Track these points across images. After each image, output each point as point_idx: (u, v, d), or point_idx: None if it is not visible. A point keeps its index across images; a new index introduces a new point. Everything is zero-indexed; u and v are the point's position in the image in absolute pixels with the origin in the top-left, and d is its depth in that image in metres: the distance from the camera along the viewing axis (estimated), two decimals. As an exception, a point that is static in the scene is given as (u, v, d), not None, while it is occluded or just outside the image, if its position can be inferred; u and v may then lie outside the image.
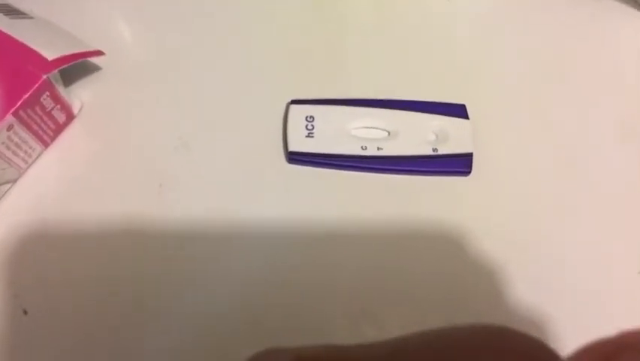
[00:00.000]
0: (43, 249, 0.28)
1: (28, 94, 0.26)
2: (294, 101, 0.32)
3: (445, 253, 0.29)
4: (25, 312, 0.27)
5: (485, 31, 0.37)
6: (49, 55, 0.27)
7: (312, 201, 0.30)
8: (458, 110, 0.32)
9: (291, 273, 0.28)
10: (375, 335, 0.26)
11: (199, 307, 0.27)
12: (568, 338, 0.26)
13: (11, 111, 0.26)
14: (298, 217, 0.29)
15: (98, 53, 0.30)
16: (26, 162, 0.29)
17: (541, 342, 0.14)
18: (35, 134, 0.28)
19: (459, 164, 0.31)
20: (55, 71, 0.27)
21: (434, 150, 0.31)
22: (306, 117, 0.31)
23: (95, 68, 0.33)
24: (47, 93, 0.27)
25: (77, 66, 0.30)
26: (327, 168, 0.31)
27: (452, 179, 0.31)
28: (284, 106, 0.32)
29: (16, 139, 0.27)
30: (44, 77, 0.27)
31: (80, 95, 0.31)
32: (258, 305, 0.27)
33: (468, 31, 0.37)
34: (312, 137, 0.31)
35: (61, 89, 0.29)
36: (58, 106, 0.29)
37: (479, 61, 0.35)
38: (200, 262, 0.28)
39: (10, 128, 0.26)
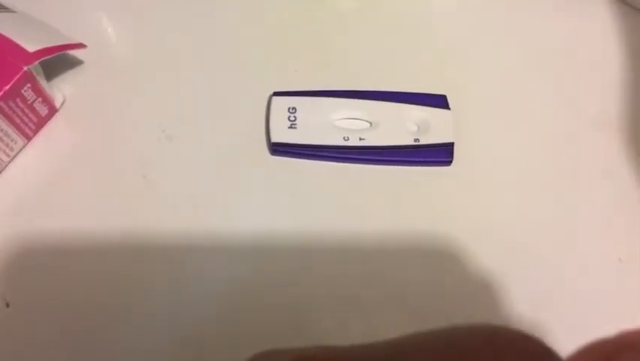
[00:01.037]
0: (26, 243, 0.28)
1: (9, 85, 0.26)
2: (277, 93, 0.32)
3: (428, 243, 0.29)
4: (8, 305, 0.27)
5: (465, 22, 0.38)
6: (30, 47, 0.27)
7: (295, 192, 0.30)
8: (439, 101, 0.32)
9: (274, 267, 0.28)
10: (358, 328, 0.27)
11: (185, 304, 0.27)
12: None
13: (-8, 103, 0.26)
14: (282, 208, 0.30)
15: (80, 45, 0.30)
16: (8, 156, 0.29)
17: (540, 341, 0.14)
18: (17, 127, 0.28)
19: (440, 154, 0.31)
20: (36, 62, 0.27)
21: (416, 140, 0.31)
22: (289, 109, 0.32)
23: (78, 62, 0.33)
24: (28, 85, 0.27)
25: (59, 60, 0.30)
26: (310, 159, 0.31)
27: (434, 169, 0.31)
28: (266, 98, 0.32)
29: (-3, 131, 0.27)
30: (25, 68, 0.27)
31: (62, 88, 0.31)
32: (243, 303, 0.27)
33: (448, 22, 0.38)
34: (295, 128, 0.31)
35: (42, 82, 0.29)
36: (40, 99, 0.29)
37: (460, 51, 0.36)
38: (184, 255, 0.28)
39: (-9, 119, 0.26)
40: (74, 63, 0.32)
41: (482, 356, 0.14)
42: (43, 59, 0.28)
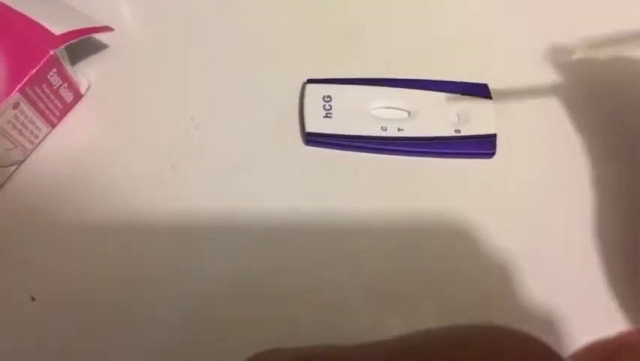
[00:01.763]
0: (50, 234, 0.27)
1: (35, 70, 0.25)
2: (311, 80, 0.31)
3: (466, 239, 0.28)
4: (33, 298, 0.26)
5: (507, 6, 0.36)
6: (57, 29, 0.26)
7: (330, 185, 0.29)
8: (480, 90, 0.31)
9: (305, 258, 0.27)
10: (392, 324, 0.26)
11: (212, 292, 0.26)
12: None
13: (18, 88, 0.24)
14: (316, 201, 0.28)
15: (107, 29, 0.29)
16: (32, 143, 0.28)
17: (541, 342, 0.14)
18: (42, 113, 0.27)
19: (483, 145, 0.30)
20: (63, 46, 0.26)
21: (456, 130, 0.30)
22: (324, 97, 0.30)
23: (103, 46, 0.31)
24: (55, 70, 0.26)
25: (84, 43, 0.29)
26: (346, 149, 0.29)
27: (475, 161, 0.30)
28: (299, 85, 0.31)
29: (22, 118, 0.26)
30: (52, 52, 0.25)
31: (87, 73, 0.30)
32: (271, 293, 0.26)
33: (489, 7, 0.35)
34: (330, 117, 0.30)
35: (68, 67, 0.28)
36: (66, 84, 0.28)
37: (501, 37, 0.34)
38: (213, 248, 0.27)
39: (16, 106, 0.25)
40: (99, 47, 0.31)
41: (483, 356, 0.14)
42: (70, 42, 0.26)
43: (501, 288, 0.27)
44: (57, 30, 0.26)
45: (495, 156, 0.30)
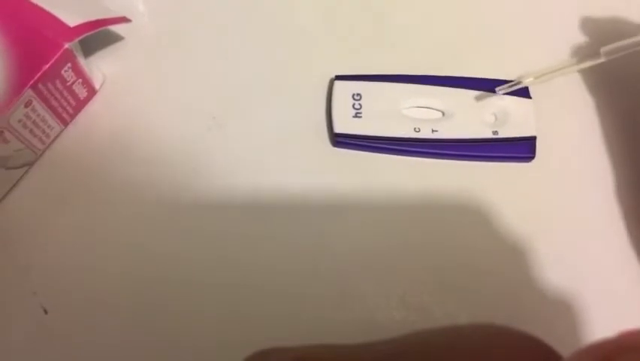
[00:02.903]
0: (62, 238, 0.25)
1: (48, 65, 0.23)
2: (339, 77, 0.29)
3: (509, 244, 0.26)
4: (46, 311, 0.24)
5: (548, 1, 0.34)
6: (71, 21, 0.24)
7: (359, 189, 0.27)
8: (519, 89, 0.29)
9: (335, 264, 0.25)
10: (416, 319, 0.24)
11: (230, 296, 0.25)
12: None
13: (30, 84, 0.22)
14: (344, 206, 0.27)
15: (123, 20, 0.27)
16: (44, 143, 0.26)
17: (542, 342, 0.15)
18: (54, 111, 0.25)
19: (521, 148, 0.28)
20: (77, 39, 0.24)
21: (494, 132, 0.28)
22: (353, 95, 0.28)
23: (118, 38, 0.29)
24: (69, 65, 0.24)
25: (98, 35, 0.27)
26: (377, 152, 0.28)
27: (513, 165, 0.28)
28: (327, 82, 0.29)
29: (34, 117, 0.24)
30: (66, 45, 0.23)
31: (101, 67, 0.28)
32: (295, 295, 0.25)
33: (527, 1, 0.34)
34: (360, 117, 0.28)
35: (82, 61, 0.26)
36: (80, 80, 0.26)
37: (539, 33, 0.32)
38: (234, 252, 0.25)
39: (28, 104, 0.23)
40: (114, 39, 0.29)
41: (482, 356, 0.14)
42: (85, 35, 0.24)
43: (535, 289, 0.25)
44: (71, 21, 0.24)
45: (533, 160, 0.28)
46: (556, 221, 0.27)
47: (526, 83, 0.27)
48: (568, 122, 0.29)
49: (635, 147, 0.29)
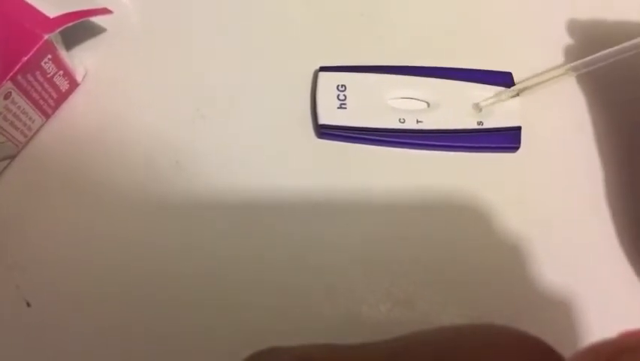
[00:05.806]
0: (45, 232, 0.25)
1: (28, 57, 0.23)
2: (324, 68, 0.29)
3: (495, 236, 0.26)
4: (29, 304, 0.24)
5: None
6: (51, 12, 0.24)
7: (344, 180, 0.27)
8: (505, 79, 0.29)
9: (321, 257, 0.25)
10: (403, 312, 0.24)
11: (216, 290, 0.25)
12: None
13: (9, 76, 0.22)
14: (328, 198, 0.27)
15: (105, 11, 0.27)
16: (25, 136, 0.26)
17: (542, 342, 0.14)
18: (35, 103, 0.25)
19: (507, 139, 0.28)
20: (58, 30, 0.24)
21: (479, 123, 0.28)
22: (338, 86, 0.28)
23: (100, 30, 0.29)
24: (49, 56, 0.24)
25: (80, 27, 0.27)
26: (362, 143, 0.28)
27: (497, 155, 0.28)
28: (311, 73, 0.29)
29: (14, 109, 0.24)
30: (46, 37, 0.23)
31: (83, 59, 0.28)
32: (280, 287, 0.25)
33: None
34: (345, 108, 0.28)
35: (63, 53, 0.25)
36: (61, 72, 0.25)
37: (525, 23, 0.32)
38: (217, 245, 0.25)
39: (7, 96, 0.23)
40: (96, 31, 0.29)
41: (484, 356, 0.14)
42: (65, 26, 0.24)
43: (522, 282, 0.25)
44: (51, 12, 0.24)
45: (518, 150, 0.28)
46: (542, 211, 0.27)
47: (504, 98, 0.28)
48: (553, 113, 0.29)
49: (620, 136, 0.29)
